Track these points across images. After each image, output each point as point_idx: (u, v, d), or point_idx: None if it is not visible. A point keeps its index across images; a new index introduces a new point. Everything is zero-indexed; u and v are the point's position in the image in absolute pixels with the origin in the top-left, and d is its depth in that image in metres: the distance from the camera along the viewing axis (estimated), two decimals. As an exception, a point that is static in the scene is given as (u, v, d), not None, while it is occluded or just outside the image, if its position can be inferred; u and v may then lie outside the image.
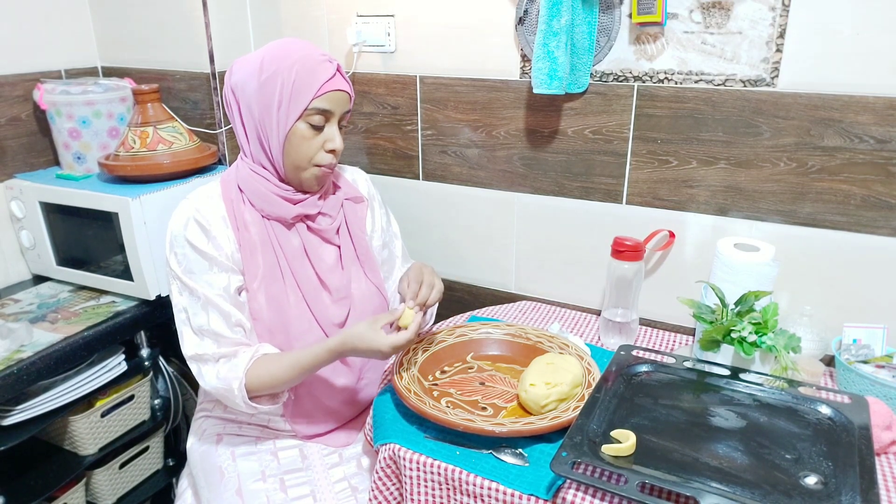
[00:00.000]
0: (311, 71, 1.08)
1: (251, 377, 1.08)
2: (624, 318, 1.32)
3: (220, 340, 1.09)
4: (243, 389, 1.07)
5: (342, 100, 1.12)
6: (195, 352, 1.10)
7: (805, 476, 0.85)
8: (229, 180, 1.17)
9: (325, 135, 1.12)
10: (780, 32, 1.17)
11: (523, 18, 1.38)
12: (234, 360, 1.09)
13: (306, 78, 1.08)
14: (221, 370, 1.08)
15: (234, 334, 1.10)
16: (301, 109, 1.08)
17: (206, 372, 1.09)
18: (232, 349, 1.10)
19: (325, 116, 1.11)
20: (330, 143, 1.13)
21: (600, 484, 0.84)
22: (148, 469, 1.61)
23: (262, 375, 1.08)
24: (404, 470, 1.00)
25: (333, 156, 1.14)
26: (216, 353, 1.09)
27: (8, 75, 1.53)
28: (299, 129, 1.10)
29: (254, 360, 1.09)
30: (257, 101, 1.10)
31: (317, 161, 1.13)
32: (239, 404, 1.09)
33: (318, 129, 1.11)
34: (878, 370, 1.12)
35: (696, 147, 1.29)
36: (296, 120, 1.09)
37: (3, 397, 1.21)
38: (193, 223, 1.11)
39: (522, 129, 1.46)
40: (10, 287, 1.57)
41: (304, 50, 1.10)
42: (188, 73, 1.61)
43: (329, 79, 1.09)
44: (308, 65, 1.08)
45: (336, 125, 1.13)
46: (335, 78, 1.10)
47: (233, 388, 1.07)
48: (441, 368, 1.21)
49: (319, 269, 1.19)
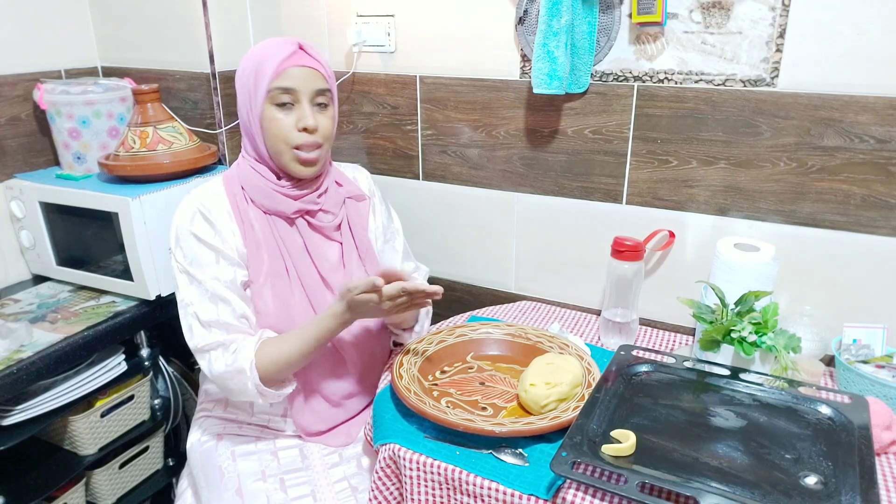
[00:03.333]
0: (269, 56, 1.10)
1: (261, 357, 1.08)
2: (624, 318, 1.32)
3: (229, 329, 1.10)
4: (255, 370, 1.07)
5: (306, 76, 1.11)
6: (205, 342, 1.09)
7: (805, 476, 0.85)
8: (231, 177, 1.18)
9: (295, 113, 1.12)
10: (780, 32, 1.17)
11: (523, 18, 1.38)
12: (241, 345, 1.09)
13: (265, 64, 1.10)
14: (230, 356, 1.08)
15: (241, 324, 1.11)
16: (264, 92, 1.10)
17: (215, 359, 1.09)
18: (239, 336, 1.10)
19: (290, 94, 1.11)
20: (301, 122, 1.11)
21: (600, 484, 0.84)
22: (148, 469, 1.60)
23: (273, 353, 1.08)
24: (404, 470, 1.00)
25: (308, 134, 1.12)
26: (226, 339, 1.09)
27: (8, 75, 1.53)
28: (268, 112, 1.11)
29: (261, 342, 1.10)
30: (239, 98, 1.14)
31: (292, 142, 1.12)
32: (249, 388, 1.08)
33: (288, 109, 1.11)
34: (878, 370, 1.12)
35: (696, 147, 1.29)
36: (262, 104, 1.11)
37: (3, 397, 1.21)
38: (199, 216, 1.11)
39: (522, 129, 1.46)
40: (10, 287, 1.57)
41: (273, 42, 1.13)
42: (188, 73, 1.61)
43: (287, 57, 1.10)
44: (268, 51, 1.11)
45: (306, 103, 1.12)
46: (294, 55, 1.11)
47: (244, 369, 1.06)
48: (441, 368, 1.21)
49: (322, 268, 1.19)
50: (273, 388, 1.11)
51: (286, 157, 1.13)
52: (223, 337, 1.09)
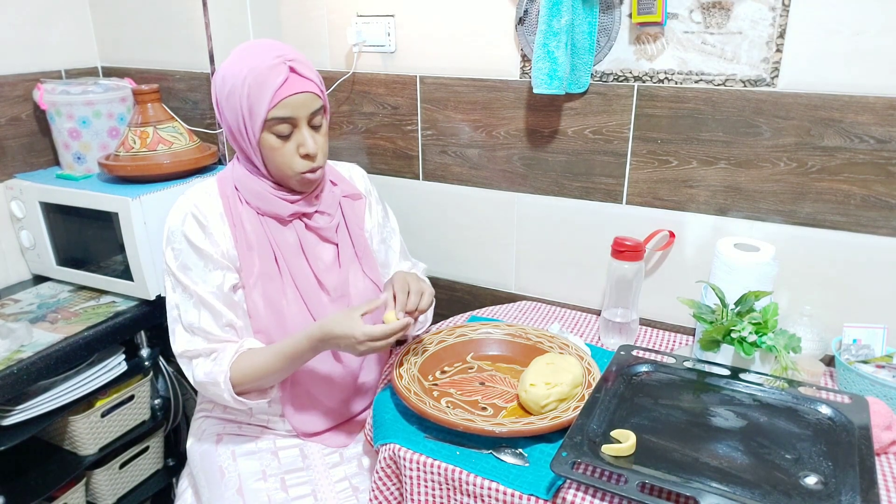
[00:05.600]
0: (261, 83, 1.03)
1: (235, 371, 1.08)
2: (624, 318, 1.32)
3: (210, 338, 1.10)
4: (229, 383, 1.08)
5: (303, 101, 1.06)
6: (185, 348, 1.11)
7: (805, 476, 0.85)
8: (226, 178, 1.17)
9: (295, 140, 1.08)
10: (780, 32, 1.17)
11: (523, 18, 1.38)
12: (221, 355, 1.10)
13: (258, 91, 1.03)
14: (208, 366, 1.09)
15: (224, 333, 1.11)
16: (261, 122, 1.05)
17: (196, 367, 1.10)
18: (220, 345, 1.11)
19: (289, 123, 1.07)
20: (302, 149, 1.09)
21: (600, 484, 0.84)
22: (148, 469, 1.60)
23: (246, 368, 1.09)
24: (404, 470, 1.00)
25: (310, 160, 1.10)
26: (206, 348, 1.10)
27: (8, 75, 1.53)
28: (267, 141, 1.07)
29: (238, 354, 1.10)
30: (228, 115, 1.09)
31: (296, 168, 1.10)
32: (226, 399, 1.09)
33: (287, 137, 1.08)
34: (878, 370, 1.12)
35: (696, 147, 1.29)
36: (259, 133, 1.06)
37: (3, 397, 1.21)
38: (191, 218, 1.11)
39: (522, 129, 1.46)
40: (10, 287, 1.57)
41: (256, 58, 1.05)
42: (188, 73, 1.61)
43: (280, 85, 1.03)
44: (258, 76, 1.03)
45: (304, 128, 1.08)
46: (288, 83, 1.04)
47: (219, 381, 1.07)
48: (441, 368, 1.21)
49: (316, 268, 1.19)
50: (251, 399, 1.12)
51: (291, 180, 1.12)
52: (205, 345, 1.10)
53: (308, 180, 1.13)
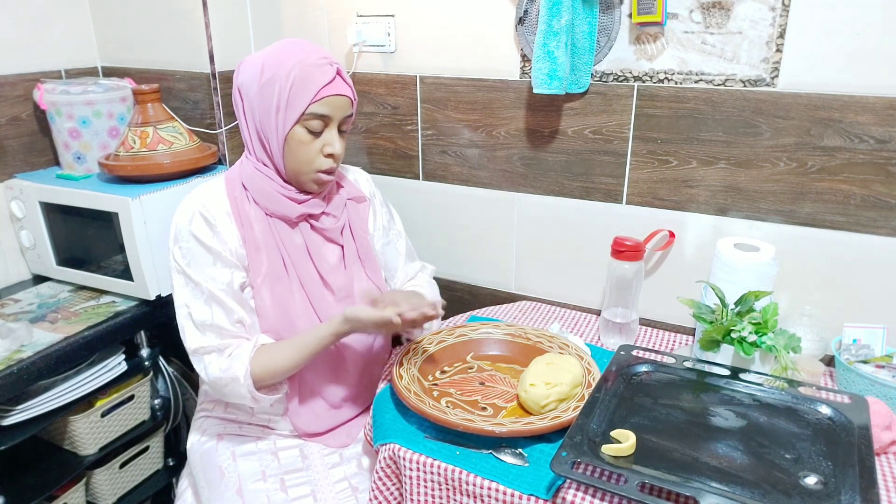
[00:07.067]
0: (308, 75, 1.07)
1: (255, 365, 1.09)
2: (624, 318, 1.32)
3: (222, 333, 1.10)
4: (249, 378, 1.08)
5: (342, 104, 1.11)
6: (198, 345, 1.10)
7: (805, 476, 0.85)
8: (233, 177, 1.17)
9: (323, 139, 1.12)
10: (780, 32, 1.17)
11: (523, 18, 1.38)
12: (237, 351, 1.10)
13: (303, 83, 1.07)
14: (224, 362, 1.09)
15: (235, 329, 1.11)
16: (298, 114, 1.08)
17: (210, 364, 1.10)
18: (234, 341, 1.11)
19: (323, 121, 1.10)
20: (328, 148, 1.12)
21: (600, 484, 0.84)
22: (148, 469, 1.60)
23: (266, 362, 1.09)
24: (404, 470, 1.00)
25: (332, 160, 1.14)
26: (220, 344, 1.10)
27: (8, 75, 1.53)
28: (297, 134, 1.09)
29: (256, 349, 1.10)
30: (258, 103, 1.10)
31: (317, 166, 1.13)
32: (243, 394, 1.09)
33: (317, 134, 1.11)
34: (878, 370, 1.12)
35: (696, 147, 1.29)
36: (293, 125, 1.09)
37: (3, 397, 1.21)
38: (199, 217, 1.11)
39: (522, 129, 1.46)
40: (10, 287, 1.57)
41: (304, 53, 1.09)
42: (188, 73, 1.61)
43: (327, 83, 1.08)
44: (306, 69, 1.07)
45: (335, 130, 1.13)
46: (334, 82, 1.09)
47: (238, 377, 1.07)
48: (441, 368, 1.21)
49: (322, 269, 1.19)
50: (267, 393, 1.13)
51: (306, 177, 1.14)
52: (217, 341, 1.10)
53: (323, 180, 1.15)
